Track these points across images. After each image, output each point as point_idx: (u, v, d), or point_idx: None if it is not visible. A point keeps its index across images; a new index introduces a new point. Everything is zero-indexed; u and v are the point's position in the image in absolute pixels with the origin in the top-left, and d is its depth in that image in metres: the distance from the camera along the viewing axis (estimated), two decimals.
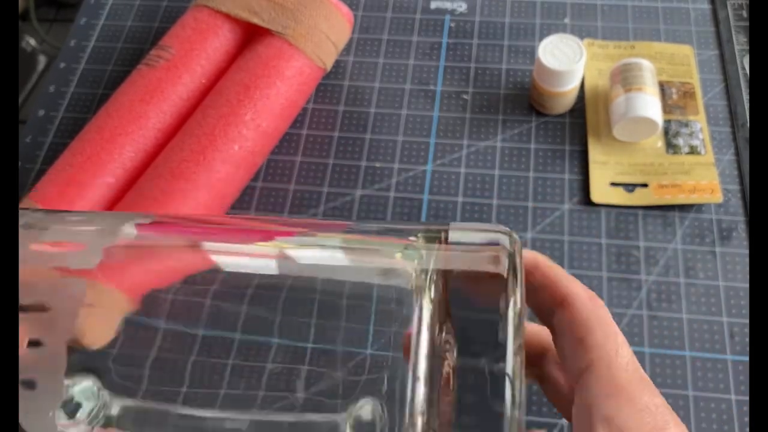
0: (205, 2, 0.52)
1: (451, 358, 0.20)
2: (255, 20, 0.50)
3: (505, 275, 0.21)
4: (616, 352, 0.22)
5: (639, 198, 0.47)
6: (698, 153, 0.49)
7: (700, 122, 0.50)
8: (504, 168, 0.50)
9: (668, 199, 0.47)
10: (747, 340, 0.42)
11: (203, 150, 0.45)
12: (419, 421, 0.20)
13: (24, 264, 0.21)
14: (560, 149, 0.50)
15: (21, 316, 0.20)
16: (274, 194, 0.50)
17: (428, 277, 0.22)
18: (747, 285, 0.44)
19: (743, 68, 0.53)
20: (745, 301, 0.43)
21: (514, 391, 0.19)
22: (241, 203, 0.49)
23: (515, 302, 0.21)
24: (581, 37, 0.55)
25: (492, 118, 0.52)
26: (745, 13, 0.56)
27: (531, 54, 0.55)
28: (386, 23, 0.58)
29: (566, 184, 0.49)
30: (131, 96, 0.48)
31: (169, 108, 0.48)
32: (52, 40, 0.66)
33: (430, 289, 0.22)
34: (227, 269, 0.24)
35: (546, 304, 0.24)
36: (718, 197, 0.47)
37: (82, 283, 0.22)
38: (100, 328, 0.26)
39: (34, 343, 0.20)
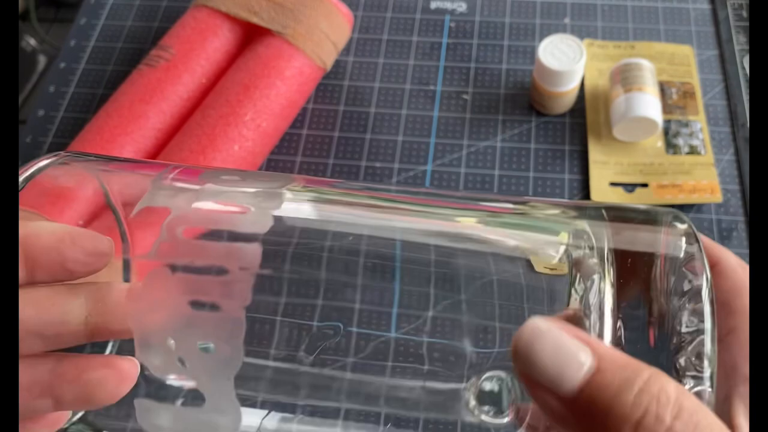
0: (205, 2, 0.52)
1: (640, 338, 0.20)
2: (255, 20, 0.50)
3: (698, 254, 0.21)
4: None
5: (639, 198, 0.47)
6: (698, 153, 0.49)
7: (700, 122, 0.50)
8: (504, 168, 0.50)
9: (668, 199, 0.47)
10: None
11: (203, 150, 0.45)
12: None
13: (191, 224, 0.21)
14: (560, 149, 0.50)
15: (196, 277, 0.20)
16: None
17: (605, 258, 0.21)
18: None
19: (743, 68, 0.53)
20: None
21: (713, 372, 0.19)
22: None
23: (708, 280, 0.20)
24: (581, 37, 0.55)
25: (492, 118, 0.52)
26: (745, 13, 0.56)
27: (531, 54, 0.55)
28: (386, 23, 0.58)
29: (566, 184, 0.49)
30: (131, 96, 0.48)
31: (169, 108, 0.48)
32: (52, 40, 0.66)
33: (609, 271, 0.21)
34: (371, 232, 0.24)
35: None
36: (718, 197, 0.47)
37: (257, 248, 0.21)
38: None
39: (211, 306, 0.20)
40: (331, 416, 0.22)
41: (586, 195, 0.48)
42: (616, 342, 0.20)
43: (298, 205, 0.24)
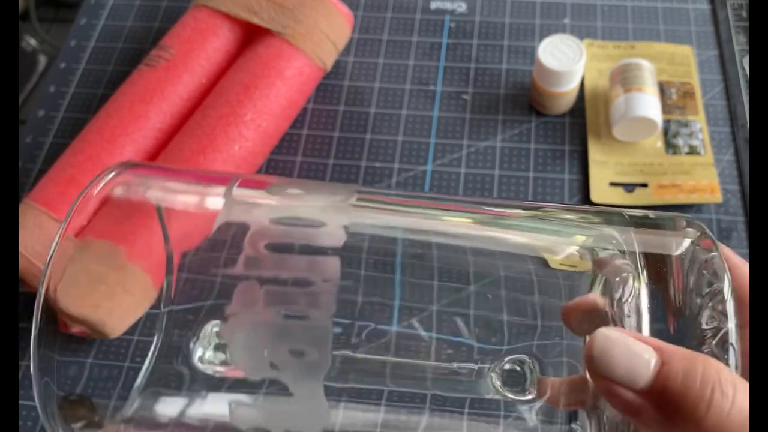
0: (205, 2, 0.52)
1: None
2: (255, 20, 0.50)
3: (717, 258, 0.23)
4: None
5: (639, 198, 0.47)
6: (698, 153, 0.49)
7: (699, 122, 0.50)
8: (504, 168, 0.50)
9: (668, 199, 0.47)
10: None
11: (203, 150, 0.45)
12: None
13: (271, 238, 0.23)
14: (560, 149, 0.50)
15: (284, 289, 0.22)
16: None
17: (638, 261, 0.23)
18: None
19: (743, 68, 0.53)
20: None
21: (737, 360, 0.21)
22: None
23: (729, 277, 0.22)
24: (581, 37, 0.55)
25: (492, 118, 0.52)
26: (745, 13, 0.56)
27: (531, 54, 0.55)
28: (386, 23, 0.58)
29: (566, 184, 0.49)
30: (131, 96, 0.48)
31: (169, 108, 0.48)
32: (52, 40, 0.66)
33: (642, 272, 0.23)
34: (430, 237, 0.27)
35: None
36: (718, 197, 0.47)
37: (337, 261, 0.23)
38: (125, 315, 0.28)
39: (300, 317, 0.22)
40: (374, 397, 0.25)
41: (586, 195, 0.48)
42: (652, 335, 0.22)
43: (364, 218, 0.26)
